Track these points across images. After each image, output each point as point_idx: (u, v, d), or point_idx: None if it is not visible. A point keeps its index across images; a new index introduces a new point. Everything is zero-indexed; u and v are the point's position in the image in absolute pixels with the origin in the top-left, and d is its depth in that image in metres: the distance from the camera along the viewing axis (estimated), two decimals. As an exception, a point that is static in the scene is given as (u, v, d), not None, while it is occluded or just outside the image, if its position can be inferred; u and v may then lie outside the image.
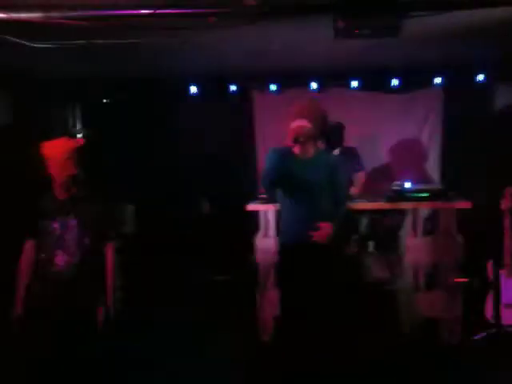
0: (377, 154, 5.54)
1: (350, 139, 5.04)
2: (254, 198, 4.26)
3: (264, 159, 5.69)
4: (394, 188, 4.04)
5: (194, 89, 5.67)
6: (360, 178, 4.75)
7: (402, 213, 4.18)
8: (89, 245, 2.78)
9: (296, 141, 3.00)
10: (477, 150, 5.29)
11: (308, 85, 5.57)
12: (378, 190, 4.21)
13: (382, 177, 5.05)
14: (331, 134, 4.61)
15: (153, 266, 5.19)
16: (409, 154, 5.68)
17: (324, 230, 3.05)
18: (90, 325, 2.76)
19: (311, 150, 3.15)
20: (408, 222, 4.11)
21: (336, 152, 4.72)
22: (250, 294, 4.17)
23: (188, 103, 5.81)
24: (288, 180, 3.12)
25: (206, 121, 5.83)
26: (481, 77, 5.29)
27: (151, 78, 5.42)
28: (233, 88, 5.68)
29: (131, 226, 5.41)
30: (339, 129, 4.82)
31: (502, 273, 3.91)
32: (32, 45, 3.57)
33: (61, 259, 2.75)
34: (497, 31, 3.99)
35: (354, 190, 4.49)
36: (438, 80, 5.44)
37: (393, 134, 5.72)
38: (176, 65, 5.06)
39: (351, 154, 4.81)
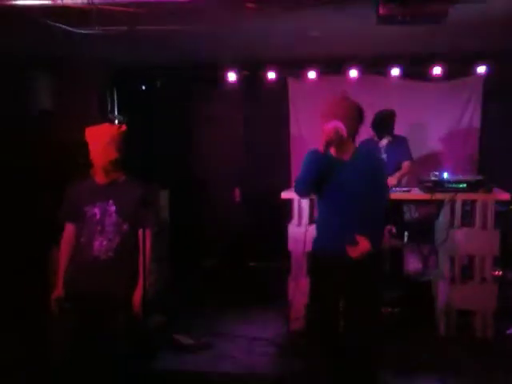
0: (418, 142, 5.43)
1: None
2: (288, 186, 4.28)
3: (297, 147, 5.90)
4: (432, 178, 3.99)
5: (231, 75, 5.66)
6: (405, 166, 4.67)
7: (437, 203, 4.12)
8: (127, 230, 2.83)
9: (329, 144, 2.73)
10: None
11: (347, 72, 5.52)
12: (421, 178, 4.14)
13: (425, 166, 4.94)
14: (382, 121, 4.58)
15: (187, 252, 5.27)
16: (450, 144, 5.58)
17: (362, 246, 2.74)
18: (125, 310, 2.79)
19: (349, 152, 2.88)
20: (445, 212, 4.04)
21: (385, 141, 4.66)
22: (283, 281, 4.21)
23: (224, 90, 5.82)
24: (325, 185, 2.87)
25: (241, 107, 5.86)
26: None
27: (189, 64, 5.44)
28: (269, 75, 5.64)
29: (167, 212, 5.50)
30: (390, 116, 4.71)
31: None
32: (74, 30, 3.63)
33: (100, 244, 2.80)
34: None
35: (395, 179, 4.44)
36: (479, 68, 5.30)
37: (433, 124, 5.62)
38: (214, 51, 5.07)
39: (401, 144, 4.74)
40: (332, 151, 2.84)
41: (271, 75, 5.63)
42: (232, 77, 5.65)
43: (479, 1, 3.06)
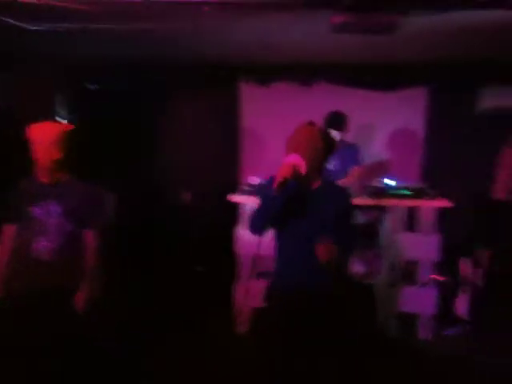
0: (365, 150, 5.55)
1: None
2: (236, 190, 4.30)
3: (249, 150, 5.95)
4: (377, 184, 4.12)
5: (180, 77, 5.63)
6: (353, 171, 4.74)
7: (383, 209, 4.24)
8: (71, 231, 2.78)
9: (285, 182, 2.45)
10: (460, 151, 5.38)
11: (298, 79, 5.61)
12: (367, 185, 4.23)
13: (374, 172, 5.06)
14: (335, 116, 4.63)
15: (132, 254, 5.20)
16: (396, 152, 5.74)
17: (328, 249, 2.48)
18: (68, 310, 2.74)
19: (315, 182, 2.67)
20: (389, 218, 4.16)
21: (338, 137, 4.68)
22: (228, 285, 4.22)
23: (174, 92, 5.79)
24: (288, 217, 2.62)
25: (191, 110, 5.84)
26: (468, 78, 5.34)
27: (141, 64, 5.38)
28: (220, 77, 5.66)
29: (113, 214, 5.40)
30: (343, 115, 4.77)
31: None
32: (25, 26, 3.53)
33: (42, 245, 2.73)
34: (486, 34, 4.06)
35: (343, 183, 4.50)
36: (425, 79, 5.49)
37: (380, 132, 5.78)
38: (168, 53, 5.04)
39: (353, 151, 4.82)
40: (292, 184, 2.54)
41: (221, 77, 5.64)
42: (181, 78, 5.62)
43: (430, 13, 3.17)
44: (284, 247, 2.74)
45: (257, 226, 2.63)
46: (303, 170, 2.48)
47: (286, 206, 2.54)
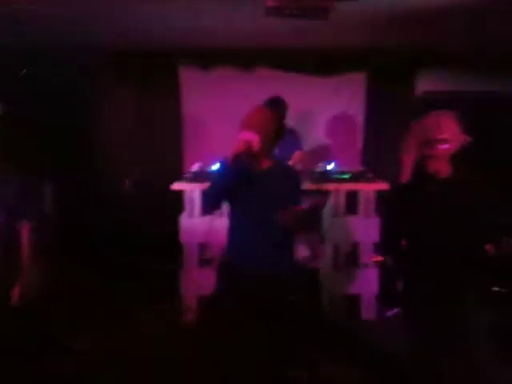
0: (306, 136, 5.61)
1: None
2: (179, 177, 4.24)
3: (190, 136, 5.87)
4: (318, 169, 4.17)
5: (118, 63, 5.48)
6: (295, 156, 4.76)
7: (325, 193, 4.29)
8: (3, 223, 2.66)
9: (239, 157, 2.54)
10: (397, 133, 5.51)
11: (237, 64, 5.58)
12: (309, 170, 4.27)
13: (314, 158, 5.10)
14: (274, 103, 4.61)
15: (74, 245, 5.05)
16: (336, 137, 5.83)
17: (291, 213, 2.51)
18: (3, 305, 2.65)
19: (265, 162, 2.72)
20: (331, 202, 4.23)
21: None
22: (174, 274, 4.17)
23: (114, 78, 5.62)
24: (240, 196, 2.68)
25: (129, 96, 5.70)
26: (403, 63, 5.48)
27: (76, 50, 5.17)
28: (159, 63, 5.55)
29: (49, 205, 5.22)
30: (282, 101, 4.75)
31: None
32: None
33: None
34: (422, 19, 4.16)
35: None
36: (362, 64, 5.59)
37: (319, 118, 5.84)
38: (104, 39, 4.88)
39: (291, 136, 4.83)
40: (245, 162, 2.61)
41: (159, 63, 5.53)
42: (120, 63, 5.47)
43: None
44: (236, 228, 2.76)
45: (209, 203, 2.78)
46: (256, 146, 2.55)
47: (238, 183, 2.60)
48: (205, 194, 2.79)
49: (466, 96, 5.43)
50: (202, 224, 4.03)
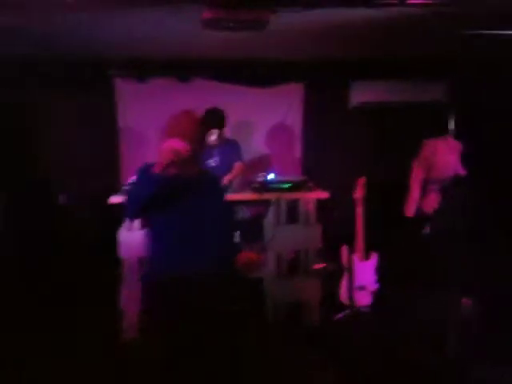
0: (244, 146, 5.62)
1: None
2: (117, 191, 4.14)
3: (128, 150, 5.74)
4: (259, 179, 4.18)
5: (53, 75, 5.29)
6: (236, 168, 4.76)
7: (266, 203, 4.32)
8: None
9: (168, 166, 2.43)
10: (334, 144, 5.66)
11: (174, 75, 5.54)
12: (250, 180, 4.29)
13: (253, 169, 5.12)
14: (213, 115, 4.58)
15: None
16: (274, 147, 5.88)
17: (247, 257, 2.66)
18: None
19: (193, 170, 2.62)
20: (272, 211, 4.25)
21: (215, 141, 4.65)
22: (112, 291, 4.05)
23: (47, 90, 5.43)
24: (163, 206, 2.56)
25: (66, 109, 5.53)
26: (341, 74, 5.62)
27: (20, 57, 4.96)
28: (94, 75, 5.42)
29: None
30: (221, 112, 4.73)
31: (355, 257, 4.21)
32: None
33: None
34: (355, 31, 4.28)
35: (227, 178, 4.51)
36: (299, 75, 5.69)
37: (258, 128, 5.87)
38: (36, 49, 4.71)
39: (233, 147, 4.83)
40: (173, 169, 2.50)
41: (94, 74, 5.42)
42: (52, 75, 5.29)
43: (295, 10, 3.26)
44: (157, 240, 2.63)
45: (132, 212, 2.68)
46: (186, 154, 2.45)
47: (162, 192, 2.49)
48: (125, 204, 2.64)
49: (399, 106, 5.64)
50: (141, 238, 3.93)
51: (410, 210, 4.07)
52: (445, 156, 2.59)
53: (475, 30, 4.10)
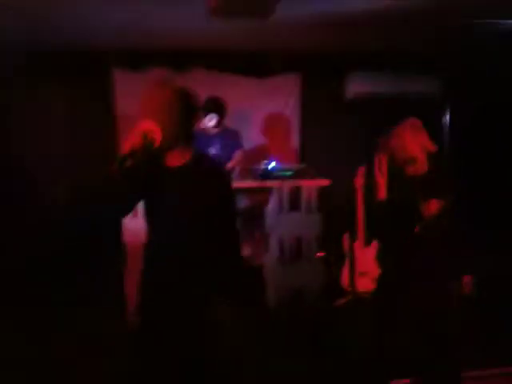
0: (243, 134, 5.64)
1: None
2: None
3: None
4: (261, 167, 4.23)
5: (50, 63, 5.25)
6: (237, 156, 4.79)
7: (267, 191, 4.37)
8: None
9: (132, 154, 1.99)
10: (334, 133, 5.71)
11: (170, 65, 5.54)
12: (252, 168, 4.34)
13: (255, 157, 5.16)
14: (213, 102, 4.61)
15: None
16: (273, 137, 5.91)
17: None
18: None
19: (178, 157, 2.18)
20: (274, 199, 4.30)
21: (215, 130, 4.69)
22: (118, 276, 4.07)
23: (44, 79, 5.38)
24: (148, 199, 2.22)
25: (64, 98, 5.49)
26: (336, 64, 5.67)
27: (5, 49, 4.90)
28: (92, 64, 5.39)
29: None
30: (221, 100, 4.77)
31: (356, 244, 4.28)
32: None
33: None
34: (353, 22, 4.33)
35: (228, 166, 4.55)
36: (296, 66, 5.72)
37: (256, 118, 5.88)
38: (34, 37, 4.68)
39: (233, 136, 4.86)
40: (148, 157, 2.10)
41: (91, 65, 5.37)
42: (53, 63, 5.24)
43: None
44: (149, 234, 2.27)
45: (117, 209, 2.26)
46: (157, 138, 2.02)
47: (138, 185, 2.11)
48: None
49: (396, 97, 5.70)
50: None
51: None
52: (412, 137, 2.55)
53: (474, 19, 4.17)
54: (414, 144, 2.57)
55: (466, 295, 3.30)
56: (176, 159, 2.17)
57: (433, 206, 2.52)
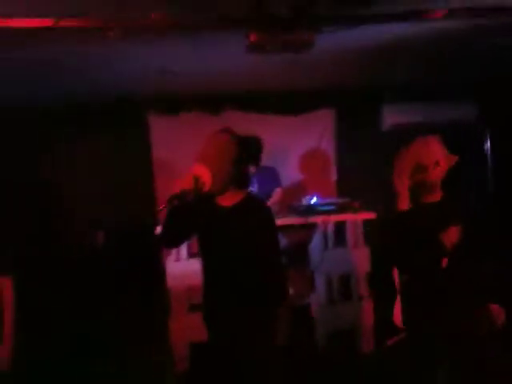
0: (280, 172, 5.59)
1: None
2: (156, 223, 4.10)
3: (163, 181, 5.72)
4: (304, 203, 4.12)
5: (86, 111, 5.37)
6: (277, 193, 4.72)
7: (311, 227, 4.24)
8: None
9: (182, 197, 2.14)
10: (369, 166, 5.61)
11: (206, 108, 5.58)
12: (290, 206, 4.24)
13: (292, 193, 5.08)
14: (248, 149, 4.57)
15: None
16: (310, 173, 5.84)
17: None
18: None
19: (229, 198, 2.33)
20: (318, 235, 4.17)
21: (252, 170, 4.64)
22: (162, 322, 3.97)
23: (80, 126, 5.48)
24: (201, 239, 2.39)
25: (99, 145, 5.56)
26: (369, 98, 5.63)
27: (36, 99, 5.02)
28: (129, 110, 5.47)
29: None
30: (258, 141, 4.72)
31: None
32: None
33: None
34: (383, 55, 4.30)
35: (268, 203, 4.46)
36: (329, 102, 5.70)
37: (292, 155, 5.84)
38: (72, 88, 4.77)
39: (271, 174, 4.81)
40: (198, 199, 2.25)
41: (129, 110, 5.46)
42: (87, 112, 5.37)
43: (340, 29, 3.27)
44: (208, 275, 2.40)
45: (163, 243, 2.60)
46: (207, 183, 2.17)
47: (190, 224, 2.28)
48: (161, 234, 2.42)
49: (431, 126, 5.58)
50: (189, 267, 3.87)
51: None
52: (435, 144, 2.47)
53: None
54: (437, 148, 2.49)
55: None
56: (228, 200, 2.33)
57: (453, 235, 2.36)
